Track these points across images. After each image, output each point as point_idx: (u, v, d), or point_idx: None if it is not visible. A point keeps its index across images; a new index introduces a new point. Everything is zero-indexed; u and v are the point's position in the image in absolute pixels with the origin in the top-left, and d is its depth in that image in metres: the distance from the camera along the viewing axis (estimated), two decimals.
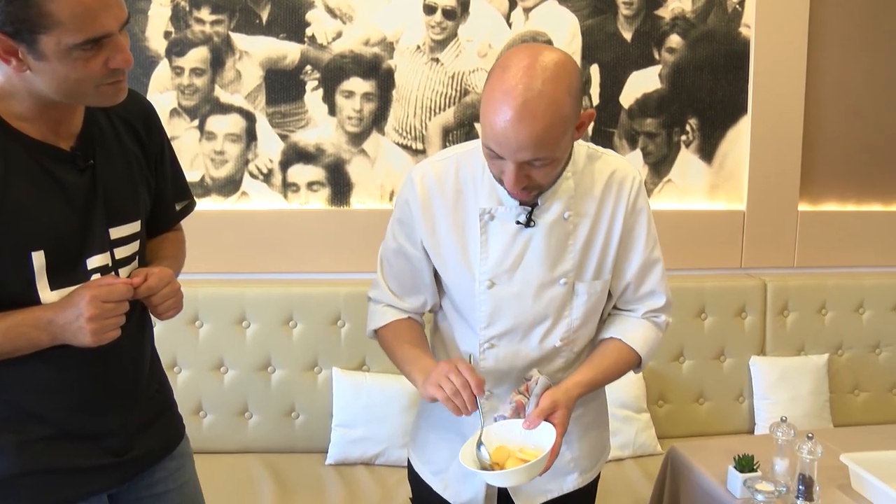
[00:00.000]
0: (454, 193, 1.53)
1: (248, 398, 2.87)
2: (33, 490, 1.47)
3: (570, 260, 1.51)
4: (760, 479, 1.90)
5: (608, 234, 1.53)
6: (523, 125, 1.29)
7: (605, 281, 1.56)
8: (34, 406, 1.45)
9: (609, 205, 1.52)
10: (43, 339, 1.36)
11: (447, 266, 1.57)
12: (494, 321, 1.55)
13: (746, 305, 3.08)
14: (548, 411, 1.41)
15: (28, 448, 1.46)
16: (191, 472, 1.78)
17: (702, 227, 3.19)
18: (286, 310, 2.86)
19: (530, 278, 1.52)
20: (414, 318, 1.66)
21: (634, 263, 1.57)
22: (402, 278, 1.63)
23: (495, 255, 1.51)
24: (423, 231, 1.55)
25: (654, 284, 1.59)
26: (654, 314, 1.61)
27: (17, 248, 1.33)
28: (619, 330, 1.60)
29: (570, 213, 1.49)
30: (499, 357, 1.58)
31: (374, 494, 2.58)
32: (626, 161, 1.57)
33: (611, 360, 1.57)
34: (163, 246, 1.68)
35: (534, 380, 1.47)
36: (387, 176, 3.00)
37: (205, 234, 2.90)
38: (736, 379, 3.08)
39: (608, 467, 2.70)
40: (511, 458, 1.40)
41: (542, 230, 1.49)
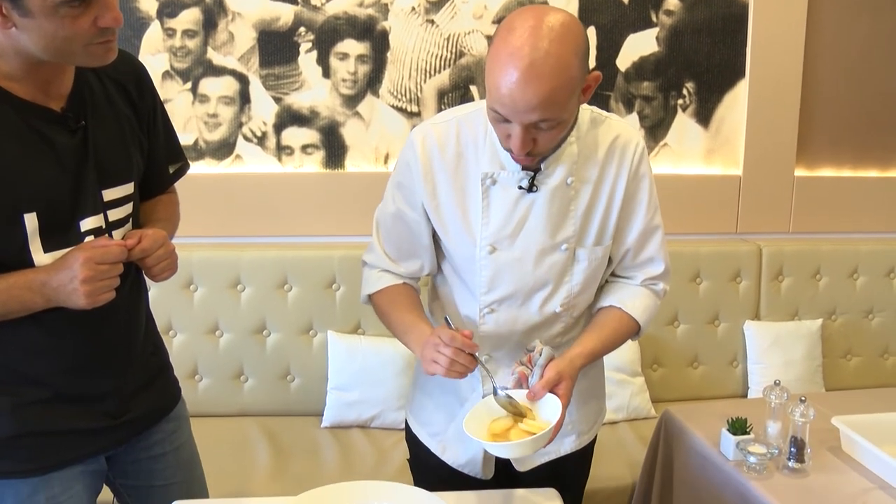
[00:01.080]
0: (455, 157, 1.51)
1: (244, 362, 2.88)
2: (31, 451, 1.48)
3: (572, 225, 1.50)
4: (753, 441, 1.91)
5: (610, 200, 1.52)
6: (530, 86, 1.27)
7: (606, 247, 1.55)
8: (29, 369, 1.45)
9: (612, 170, 1.51)
10: (37, 302, 1.35)
11: (448, 230, 1.56)
12: (495, 286, 1.55)
13: (741, 270, 3.09)
14: (553, 383, 1.41)
15: (24, 410, 1.46)
16: (187, 435, 1.78)
17: (698, 191, 3.18)
18: (281, 273, 2.86)
19: (531, 244, 1.51)
20: (409, 284, 1.64)
21: (635, 229, 1.56)
22: (399, 242, 1.62)
23: (497, 220, 1.50)
24: (423, 194, 1.54)
25: (653, 251, 1.59)
26: (653, 282, 1.61)
27: (9, 210, 1.32)
28: (618, 298, 1.59)
29: (572, 178, 1.48)
30: (499, 322, 1.58)
31: (370, 457, 2.60)
32: (630, 126, 1.56)
33: (611, 330, 1.56)
34: (157, 208, 1.67)
35: (537, 350, 1.46)
36: (381, 139, 2.98)
37: (199, 197, 2.88)
38: (730, 343, 3.10)
39: (603, 430, 2.70)
40: (514, 430, 1.40)
41: (544, 195, 1.48)
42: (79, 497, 1.55)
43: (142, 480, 1.70)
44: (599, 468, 2.44)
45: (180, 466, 1.75)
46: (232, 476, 2.46)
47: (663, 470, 2.24)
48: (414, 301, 1.61)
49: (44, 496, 1.50)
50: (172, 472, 1.72)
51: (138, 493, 1.72)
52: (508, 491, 1.56)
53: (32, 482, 1.49)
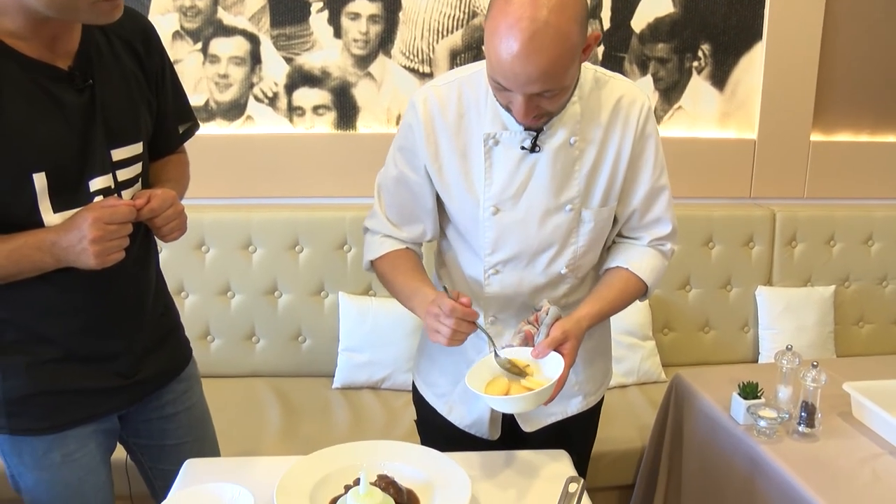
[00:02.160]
0: (457, 118, 1.49)
1: (255, 323, 2.88)
2: (45, 410, 1.49)
3: (576, 186, 1.48)
4: (764, 405, 1.91)
5: (616, 161, 1.49)
6: (531, 59, 1.24)
7: (611, 207, 1.54)
8: (42, 328, 1.46)
9: (617, 131, 1.48)
10: (47, 262, 1.35)
11: (451, 191, 1.54)
12: (499, 247, 1.54)
13: (754, 235, 3.06)
14: (558, 341, 1.40)
15: (38, 369, 1.47)
16: (198, 395, 1.79)
17: (712, 155, 3.14)
18: (292, 234, 2.85)
19: (535, 204, 1.49)
20: (412, 249, 1.63)
21: (641, 190, 1.54)
22: (401, 207, 1.60)
23: (500, 180, 1.48)
24: (426, 156, 1.52)
25: (660, 212, 1.57)
26: (660, 242, 1.59)
27: (17, 169, 1.31)
28: (625, 259, 1.58)
29: (576, 138, 1.46)
30: (504, 283, 1.57)
31: (380, 417, 2.62)
32: (635, 85, 1.53)
33: (618, 290, 1.55)
34: (166, 168, 1.66)
35: (544, 310, 1.45)
36: (393, 99, 2.95)
37: (210, 158, 2.87)
38: (741, 308, 3.08)
39: (612, 394, 2.73)
40: (515, 385, 1.40)
41: (547, 155, 1.46)
42: (93, 455, 1.57)
43: (154, 439, 1.72)
44: (609, 431, 2.45)
45: (192, 426, 1.76)
46: (243, 436, 2.48)
47: (673, 434, 2.24)
48: (416, 265, 1.60)
49: (59, 453, 1.52)
50: (184, 431, 1.74)
51: (151, 452, 1.74)
52: (517, 452, 1.56)
53: (48, 440, 1.51)
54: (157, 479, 1.77)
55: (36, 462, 1.52)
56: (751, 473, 1.86)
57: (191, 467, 1.53)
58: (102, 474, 1.61)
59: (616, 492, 2.55)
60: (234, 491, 1.36)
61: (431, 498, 1.37)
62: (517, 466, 1.51)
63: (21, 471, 1.54)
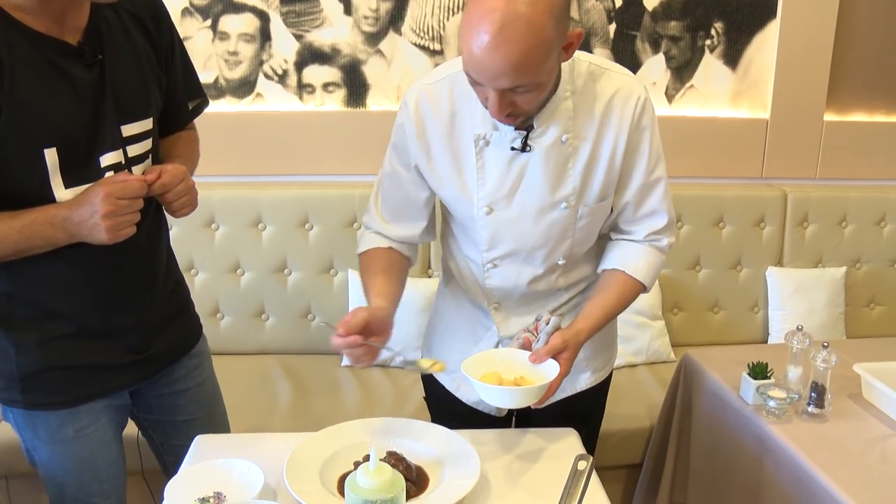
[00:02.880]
0: (449, 116, 1.47)
1: (265, 300, 2.89)
2: (57, 385, 1.51)
3: (571, 184, 1.46)
4: (773, 386, 1.90)
5: (612, 156, 1.46)
6: (499, 51, 1.21)
7: (609, 201, 1.52)
8: (53, 304, 1.47)
9: (612, 126, 1.44)
10: (59, 237, 1.35)
11: (444, 190, 1.53)
12: (495, 245, 1.53)
13: (765, 216, 3.04)
14: (557, 350, 1.40)
15: (50, 345, 1.48)
16: (209, 371, 1.80)
17: (723, 135, 3.11)
18: (302, 212, 2.84)
19: (529, 203, 1.47)
20: (395, 249, 1.60)
21: (634, 184, 1.50)
22: (393, 204, 1.59)
23: (492, 181, 1.46)
24: (418, 156, 1.50)
25: (654, 204, 1.53)
26: (656, 237, 1.56)
27: (28, 145, 1.31)
28: (621, 261, 1.55)
29: (568, 135, 1.42)
30: (503, 276, 1.57)
31: (389, 395, 2.62)
32: (631, 77, 1.48)
33: (616, 296, 1.53)
34: (176, 145, 1.66)
35: (544, 320, 1.46)
36: (404, 77, 2.93)
37: (219, 136, 2.86)
38: (751, 289, 3.06)
39: (621, 373, 2.72)
40: (506, 382, 1.40)
41: (538, 155, 1.43)
42: (105, 430, 1.59)
43: (165, 415, 1.73)
44: (617, 409, 2.46)
45: (202, 402, 1.77)
46: (253, 413, 2.49)
47: (682, 413, 2.24)
48: (384, 268, 1.56)
49: (72, 428, 1.54)
50: (195, 407, 1.75)
51: (162, 428, 1.75)
52: (526, 429, 1.56)
53: (61, 414, 1.52)
54: (168, 455, 1.78)
55: (50, 436, 1.53)
56: (759, 454, 1.86)
57: (201, 443, 1.54)
58: (114, 449, 1.63)
59: (624, 471, 2.56)
60: (244, 466, 1.37)
61: (441, 475, 1.37)
62: (526, 444, 1.52)
63: (36, 444, 1.56)
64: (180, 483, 1.34)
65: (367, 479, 1.02)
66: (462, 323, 1.70)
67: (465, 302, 1.69)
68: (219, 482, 1.35)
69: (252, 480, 1.34)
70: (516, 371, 1.42)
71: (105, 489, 1.63)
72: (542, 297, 1.62)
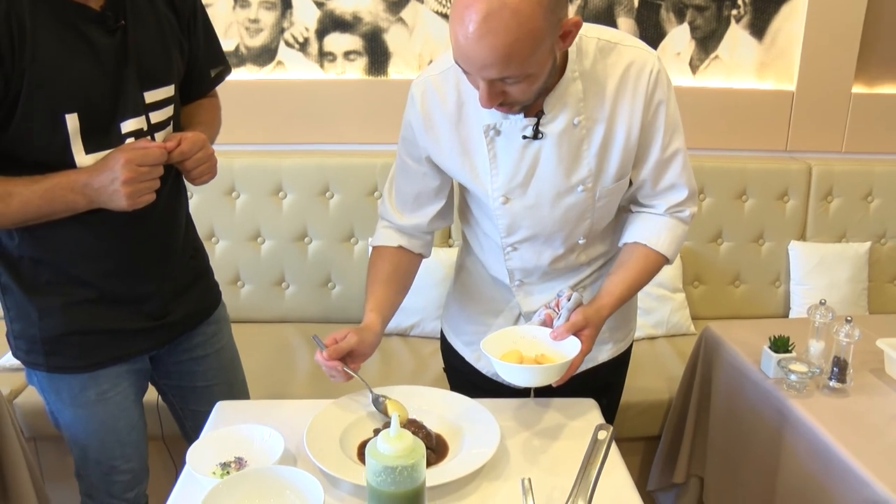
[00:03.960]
0: (457, 107, 1.43)
1: (285, 268, 2.89)
2: (79, 349, 1.53)
3: (586, 166, 1.43)
4: (795, 360, 1.88)
5: (627, 135, 1.42)
6: (484, 42, 1.17)
7: (628, 177, 1.49)
8: (75, 270, 1.48)
9: (625, 103, 1.40)
10: (79, 203, 1.36)
11: (458, 178, 1.52)
12: (513, 232, 1.52)
13: (789, 189, 2.99)
14: (578, 327, 1.39)
15: (72, 309, 1.50)
16: (228, 337, 1.81)
17: (748, 106, 3.06)
18: (322, 181, 2.84)
19: (545, 190, 1.45)
20: (406, 249, 1.59)
21: (651, 160, 1.47)
22: (404, 195, 1.57)
23: (505, 171, 1.44)
24: (427, 149, 1.49)
25: (673, 178, 1.50)
26: (677, 209, 1.53)
27: (50, 110, 1.31)
28: (643, 234, 1.52)
29: (580, 118, 1.39)
30: (524, 258, 1.56)
31: (409, 364, 2.63)
32: (644, 48, 1.42)
33: (638, 271, 1.51)
34: (198, 112, 1.65)
35: (565, 296, 1.44)
36: (425, 45, 2.90)
37: (240, 104, 2.85)
38: (773, 263, 3.03)
39: (641, 345, 2.71)
40: (526, 360, 1.39)
41: (551, 141, 1.40)
42: (126, 394, 1.61)
43: (184, 381, 1.74)
44: (636, 382, 2.45)
45: (222, 368, 1.78)
46: (273, 380, 2.51)
47: (701, 386, 2.23)
48: (388, 274, 1.57)
49: (94, 391, 1.56)
50: (214, 373, 1.76)
51: (182, 394, 1.77)
52: (546, 399, 1.55)
53: (82, 378, 1.54)
54: (187, 420, 1.80)
55: (73, 399, 1.56)
56: (779, 427, 1.85)
57: (222, 409, 1.55)
58: (135, 413, 1.65)
59: (642, 443, 2.56)
60: (265, 433, 1.38)
61: (460, 443, 1.37)
62: (546, 414, 1.51)
63: (59, 407, 1.59)
64: (202, 448, 1.35)
65: (388, 446, 1.02)
66: (483, 296, 1.69)
67: (485, 276, 1.68)
68: (240, 448, 1.36)
69: (273, 446, 1.35)
70: (537, 348, 1.41)
71: (127, 452, 1.65)
72: (564, 273, 1.61)
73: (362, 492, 1.16)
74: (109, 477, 1.66)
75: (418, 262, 1.63)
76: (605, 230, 1.59)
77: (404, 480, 1.03)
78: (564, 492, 1.13)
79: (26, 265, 1.47)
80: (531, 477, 1.14)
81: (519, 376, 1.36)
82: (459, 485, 1.28)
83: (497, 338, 1.42)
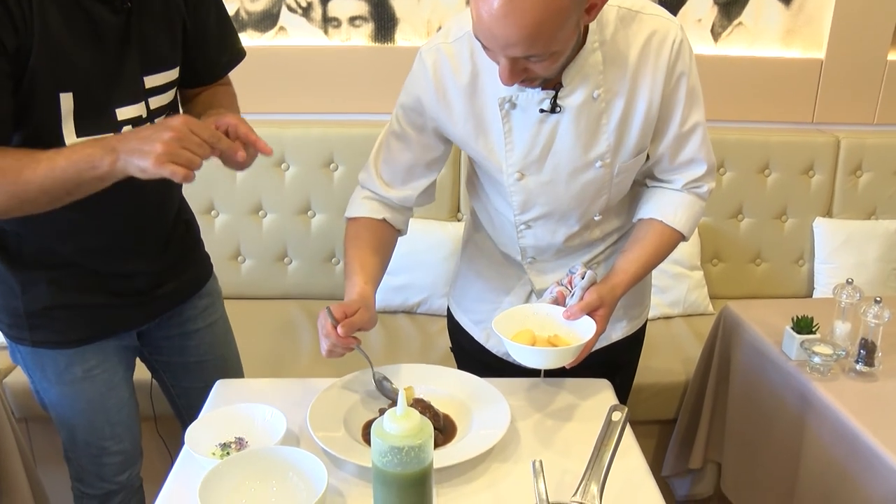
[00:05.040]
0: (471, 78, 1.41)
1: (288, 243, 2.89)
2: (64, 323, 1.54)
3: (605, 141, 1.42)
4: (819, 341, 1.87)
5: (648, 109, 1.40)
6: (510, 21, 1.15)
7: (646, 152, 1.48)
8: (63, 248, 1.49)
9: (647, 75, 1.38)
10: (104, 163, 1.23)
11: (470, 152, 1.51)
12: (528, 209, 1.51)
13: (815, 163, 2.96)
14: (592, 306, 1.38)
15: (58, 283, 1.51)
16: (220, 311, 1.81)
17: (772, 76, 3.03)
18: (327, 151, 2.83)
19: (562, 165, 1.43)
20: (388, 223, 1.56)
21: (670, 134, 1.45)
22: (396, 166, 1.54)
23: (521, 146, 1.42)
24: (438, 119, 1.46)
25: (692, 152, 1.48)
26: (695, 184, 1.52)
27: (47, 86, 1.30)
28: (659, 210, 1.51)
29: (599, 91, 1.37)
30: (537, 236, 1.55)
31: (415, 342, 2.63)
32: (667, 17, 1.40)
33: (653, 248, 1.50)
34: (216, 97, 1.63)
35: (579, 273, 1.44)
36: (433, 11, 2.88)
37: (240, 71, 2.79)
38: (797, 240, 3.01)
39: (656, 325, 2.71)
40: (539, 341, 1.38)
41: (569, 115, 1.38)
42: (113, 371, 1.62)
43: (175, 357, 1.75)
44: (651, 363, 2.45)
45: (214, 343, 1.79)
46: (275, 358, 2.52)
47: (719, 368, 2.22)
48: (372, 245, 1.53)
49: (80, 368, 1.57)
50: (206, 348, 1.77)
51: (173, 370, 1.78)
52: (557, 379, 1.55)
53: (68, 354, 1.56)
54: (180, 398, 1.81)
55: (58, 376, 1.57)
56: (801, 411, 1.85)
57: (221, 388, 1.56)
58: (125, 391, 1.66)
59: (657, 426, 2.56)
60: (267, 412, 1.38)
61: (469, 424, 1.37)
62: (558, 394, 1.52)
63: (45, 385, 1.60)
64: (201, 428, 1.35)
65: (395, 425, 1.02)
66: (492, 273, 1.68)
67: (495, 252, 1.67)
68: (240, 427, 1.36)
69: (275, 426, 1.35)
70: (550, 328, 1.41)
71: (118, 432, 1.66)
72: (577, 250, 1.61)
73: (367, 473, 1.17)
74: (99, 459, 1.67)
75: (396, 239, 1.61)
76: (619, 205, 1.58)
77: (411, 461, 1.03)
78: (576, 475, 1.13)
79: (11, 239, 1.48)
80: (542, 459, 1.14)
81: (532, 358, 1.36)
82: (468, 467, 1.28)
83: (508, 316, 1.42)
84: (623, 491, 1.24)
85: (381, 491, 1.06)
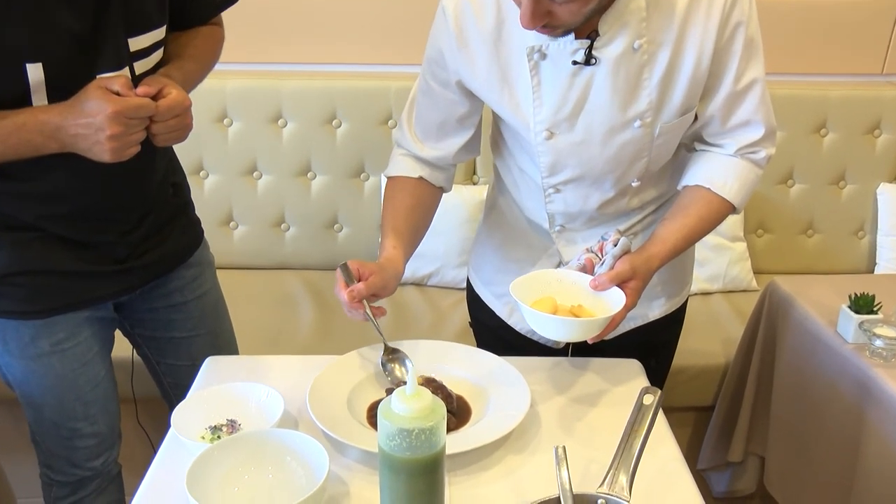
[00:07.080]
0: (496, 26, 1.41)
1: (285, 208, 2.91)
2: (29, 290, 1.53)
3: (646, 98, 1.40)
4: (881, 322, 1.86)
5: (697, 62, 1.38)
6: None
7: (693, 112, 1.46)
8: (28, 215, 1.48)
9: (697, 24, 1.36)
10: (50, 147, 1.35)
11: (494, 110, 1.51)
12: (557, 172, 1.50)
13: (882, 121, 2.92)
14: (623, 277, 1.36)
15: (23, 247, 1.50)
16: (211, 282, 1.82)
17: (835, 21, 2.97)
18: (329, 107, 2.83)
19: (596, 124, 1.42)
20: (426, 181, 1.59)
21: (722, 93, 1.43)
22: (427, 122, 1.57)
23: (551, 101, 1.42)
24: (460, 72, 1.47)
25: (748, 113, 1.46)
26: (751, 149, 1.49)
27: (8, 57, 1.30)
28: (708, 176, 1.49)
29: (641, 41, 1.35)
30: (567, 201, 1.55)
31: (426, 317, 2.65)
32: None
33: (698, 218, 1.48)
34: (192, 43, 1.62)
35: (612, 240, 1.41)
36: None
37: (234, 18, 2.77)
38: (857, 209, 2.99)
39: (693, 301, 2.70)
40: (561, 310, 1.37)
41: (606, 67, 1.37)
42: (87, 345, 1.61)
43: (160, 331, 1.75)
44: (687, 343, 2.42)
45: (204, 316, 1.79)
46: (271, 333, 2.54)
47: (764, 350, 2.22)
48: (407, 205, 1.57)
49: (47, 342, 1.56)
50: (195, 322, 1.77)
51: (158, 345, 1.78)
52: (583, 359, 1.56)
53: (34, 325, 1.55)
54: (166, 376, 1.82)
55: (22, 350, 1.56)
56: (859, 400, 1.84)
57: (212, 365, 1.56)
58: (100, 368, 1.66)
59: (693, 413, 2.57)
60: (262, 392, 1.39)
61: (485, 407, 1.38)
62: (584, 376, 1.52)
63: (8, 360, 1.59)
64: (189, 409, 1.36)
65: (404, 405, 1.02)
66: (517, 242, 1.69)
67: (520, 218, 1.67)
68: (233, 409, 1.38)
69: (271, 407, 1.36)
70: (574, 297, 1.40)
71: (91, 413, 1.66)
72: (612, 219, 1.60)
73: (372, 459, 1.18)
74: (70, 442, 1.67)
75: (439, 196, 1.64)
76: (661, 171, 1.57)
77: (421, 445, 1.03)
78: (602, 465, 1.13)
79: None
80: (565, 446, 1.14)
81: (551, 328, 1.36)
82: (483, 454, 1.29)
83: (529, 281, 1.41)
84: (654, 483, 1.24)
85: (388, 478, 1.06)
